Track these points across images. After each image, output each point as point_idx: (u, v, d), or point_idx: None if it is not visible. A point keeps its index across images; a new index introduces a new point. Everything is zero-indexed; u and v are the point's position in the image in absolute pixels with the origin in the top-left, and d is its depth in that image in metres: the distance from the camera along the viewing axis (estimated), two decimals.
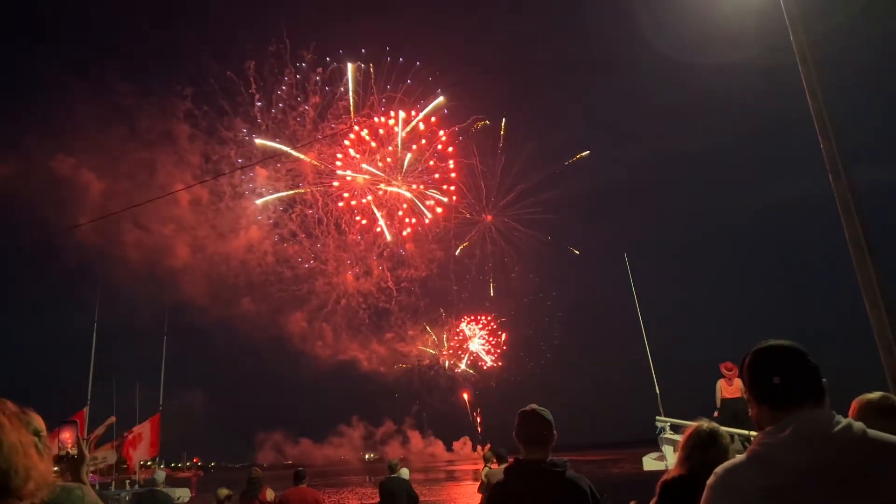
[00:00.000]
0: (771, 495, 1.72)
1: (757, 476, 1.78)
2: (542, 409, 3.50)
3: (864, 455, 1.72)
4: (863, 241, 6.02)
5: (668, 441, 13.08)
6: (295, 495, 10.57)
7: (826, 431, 1.76)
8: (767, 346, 1.99)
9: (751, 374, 1.99)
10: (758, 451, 1.84)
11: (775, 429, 1.83)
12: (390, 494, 11.13)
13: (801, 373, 1.90)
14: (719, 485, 1.85)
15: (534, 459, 3.37)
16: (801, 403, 1.82)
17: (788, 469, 1.74)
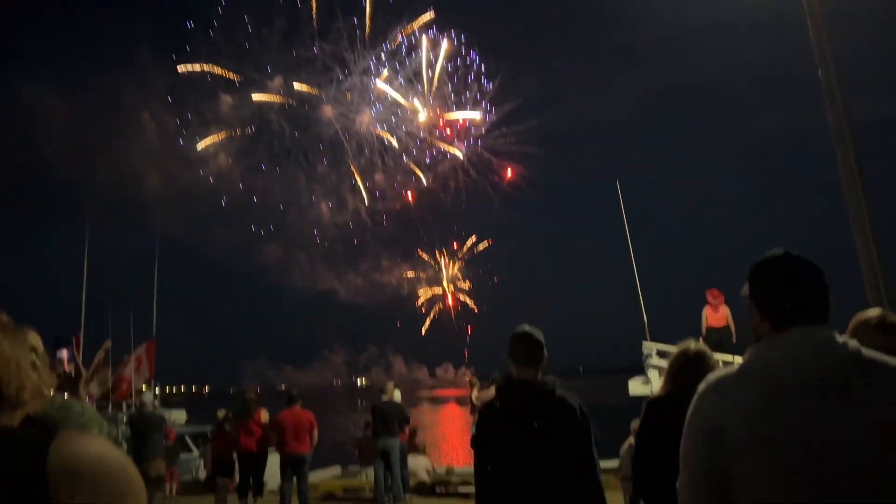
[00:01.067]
0: (759, 407, 1.73)
1: (748, 387, 1.78)
2: (533, 329, 3.56)
3: (858, 373, 1.73)
4: (855, 170, 6.01)
5: (654, 366, 13.40)
6: (289, 415, 10.85)
7: (823, 349, 1.75)
8: (784, 259, 1.93)
9: (759, 286, 1.94)
10: (751, 363, 1.84)
11: (772, 343, 1.82)
12: (383, 416, 11.43)
13: (813, 295, 1.86)
14: (708, 393, 1.86)
15: (524, 378, 3.45)
16: (805, 323, 1.80)
17: (780, 383, 1.74)
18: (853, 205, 6.07)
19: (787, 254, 1.93)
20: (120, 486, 1.30)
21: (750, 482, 1.75)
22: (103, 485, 1.26)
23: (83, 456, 1.25)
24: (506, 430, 3.41)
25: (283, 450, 10.70)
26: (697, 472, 1.85)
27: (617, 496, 8.36)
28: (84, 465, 1.24)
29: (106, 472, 1.28)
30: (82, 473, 1.23)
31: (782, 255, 1.93)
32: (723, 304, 13.31)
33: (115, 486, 1.29)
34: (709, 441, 1.81)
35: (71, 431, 1.33)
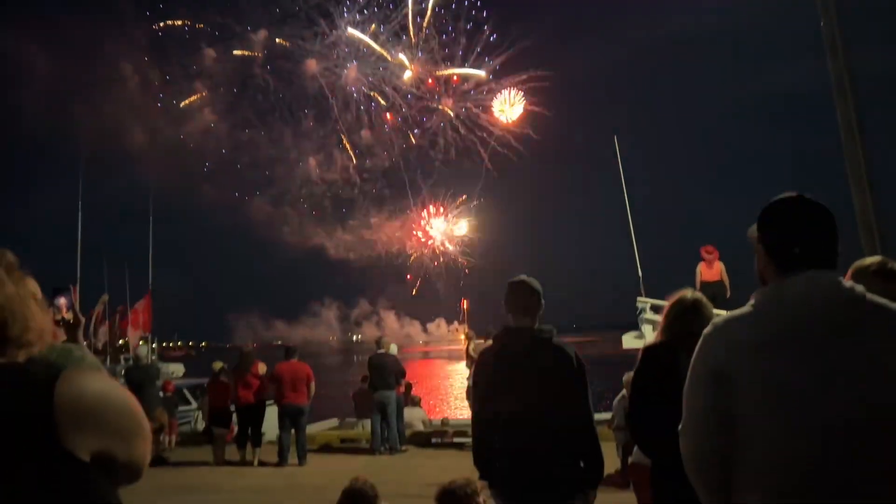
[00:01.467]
0: (764, 347, 1.76)
1: (754, 328, 1.80)
2: (530, 278, 3.57)
3: (863, 316, 1.75)
4: (854, 122, 5.98)
5: (648, 321, 13.48)
6: (286, 368, 10.98)
7: (829, 292, 1.77)
8: (796, 202, 1.90)
9: (769, 229, 1.92)
10: (758, 305, 1.85)
11: (780, 286, 1.83)
12: (379, 369, 11.57)
13: (823, 241, 1.86)
14: (714, 335, 1.87)
15: (522, 326, 3.48)
16: (813, 267, 1.81)
17: (786, 324, 1.76)
18: (851, 158, 6.05)
19: (799, 196, 1.91)
20: (125, 423, 1.31)
21: (754, 421, 1.77)
22: (109, 421, 1.27)
23: (89, 393, 1.25)
24: (502, 376, 3.45)
25: (281, 401, 10.87)
26: (701, 413, 1.87)
27: (609, 447, 8.52)
28: (89, 401, 1.24)
29: (111, 409, 1.28)
30: (88, 410, 1.23)
31: (795, 198, 1.91)
32: (717, 259, 13.37)
33: (121, 422, 1.30)
34: (713, 381, 1.83)
35: (76, 370, 1.32)
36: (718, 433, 1.84)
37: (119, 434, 1.28)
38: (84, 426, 1.22)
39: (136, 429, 1.34)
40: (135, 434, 1.33)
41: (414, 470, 10.05)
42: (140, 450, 1.34)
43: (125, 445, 1.29)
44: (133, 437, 1.32)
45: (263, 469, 10.62)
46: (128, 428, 1.31)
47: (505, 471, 3.44)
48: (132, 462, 1.32)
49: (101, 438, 1.24)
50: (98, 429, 1.24)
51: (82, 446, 1.21)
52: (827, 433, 1.70)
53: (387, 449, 11.47)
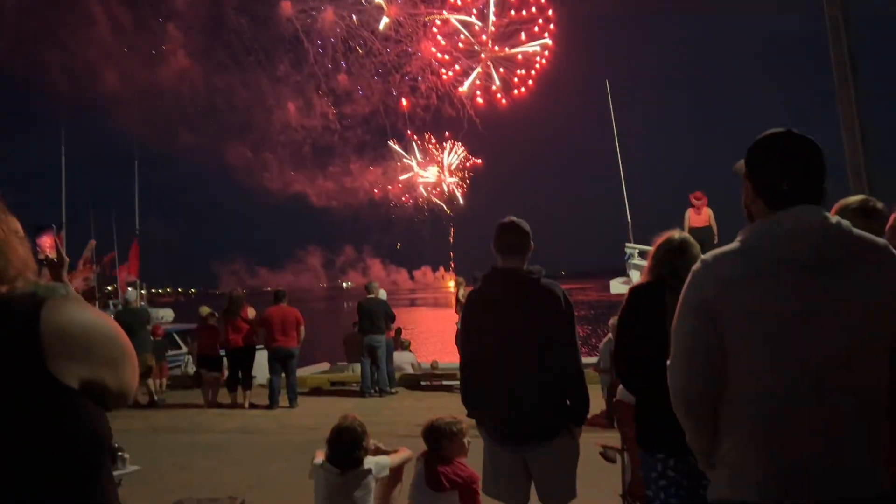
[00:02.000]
0: (755, 280, 1.77)
1: (743, 263, 1.81)
2: (519, 219, 3.55)
3: (848, 249, 1.76)
4: (847, 66, 5.91)
5: (636, 266, 13.61)
6: (276, 312, 11.03)
7: (817, 227, 1.77)
8: (785, 137, 1.88)
9: (757, 164, 1.91)
10: (747, 241, 1.86)
11: (768, 222, 1.83)
12: (369, 313, 11.64)
13: (811, 176, 1.85)
14: (703, 270, 1.88)
15: (510, 267, 3.48)
16: (801, 203, 1.80)
17: (775, 258, 1.77)
18: (844, 102, 6.01)
19: (789, 132, 1.88)
20: (113, 351, 1.30)
21: (741, 354, 1.79)
22: (97, 349, 1.26)
23: (76, 321, 1.24)
24: (490, 316, 3.47)
25: (271, 345, 10.96)
26: (690, 349, 1.88)
27: (595, 389, 8.68)
28: (76, 330, 1.23)
29: (99, 337, 1.27)
30: (75, 338, 1.22)
31: (784, 133, 1.89)
32: (705, 205, 13.43)
33: (109, 350, 1.29)
34: (701, 315, 1.84)
35: (62, 299, 1.30)
36: (706, 368, 1.86)
37: (108, 362, 1.28)
38: (72, 354, 1.21)
39: (123, 356, 1.34)
40: (123, 361, 1.33)
41: (403, 411, 10.22)
42: (129, 376, 1.34)
43: (114, 372, 1.28)
44: (121, 364, 1.31)
45: (254, 411, 10.77)
46: (116, 355, 1.31)
47: (492, 409, 3.49)
48: (121, 389, 1.31)
49: (89, 367, 1.23)
50: (86, 357, 1.23)
51: (70, 374, 1.20)
52: (812, 366, 1.73)
53: (377, 391, 11.63)
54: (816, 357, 1.72)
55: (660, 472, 2.96)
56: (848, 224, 1.81)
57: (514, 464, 3.47)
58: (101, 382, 1.25)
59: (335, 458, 4.11)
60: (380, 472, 4.19)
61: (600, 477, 4.97)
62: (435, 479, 3.84)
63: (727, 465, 1.86)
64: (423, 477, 3.89)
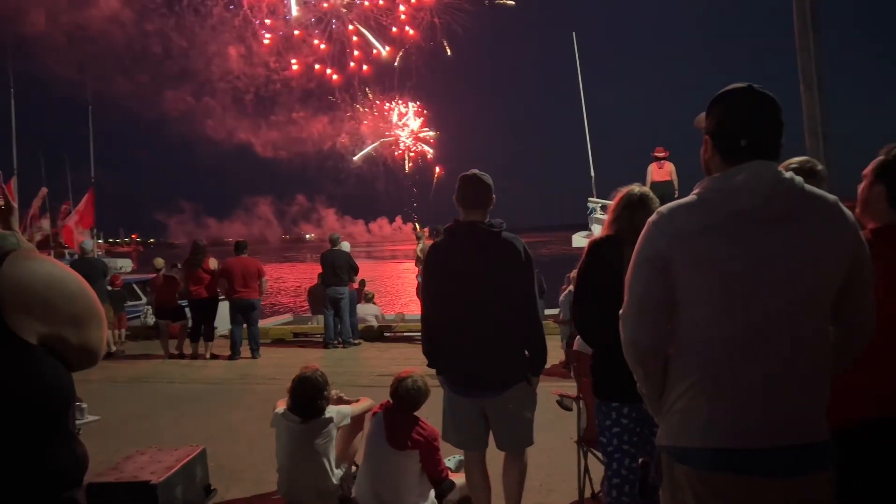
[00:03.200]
0: (708, 232, 1.79)
1: (698, 215, 1.83)
2: (482, 173, 3.55)
3: (799, 204, 1.80)
4: (809, 20, 5.95)
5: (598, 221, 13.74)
6: (237, 263, 10.92)
7: (770, 181, 1.80)
8: (745, 93, 1.89)
9: (717, 121, 1.92)
10: (703, 193, 1.88)
11: (723, 176, 1.85)
12: (332, 265, 11.60)
13: (769, 133, 1.87)
14: (660, 222, 1.90)
15: (472, 220, 3.49)
16: (757, 158, 1.83)
17: (729, 211, 1.80)
18: (803, 58, 6.06)
19: (749, 87, 1.89)
20: (75, 308, 1.28)
21: (693, 304, 1.83)
22: (58, 305, 1.23)
23: (38, 277, 1.22)
24: (451, 268, 3.49)
25: (232, 296, 10.86)
26: (641, 296, 1.92)
27: (555, 339, 8.85)
28: (38, 285, 1.21)
29: (61, 293, 1.25)
30: (35, 293, 1.20)
31: (744, 89, 1.90)
32: (667, 161, 13.57)
33: (72, 307, 1.27)
34: (654, 265, 1.87)
35: (22, 252, 1.27)
36: (658, 318, 1.90)
37: (70, 319, 1.25)
38: (31, 309, 1.18)
39: (88, 313, 1.31)
40: (87, 319, 1.30)
41: (366, 361, 10.31)
42: (95, 334, 1.33)
43: (76, 330, 1.26)
44: (85, 322, 1.29)
45: (216, 361, 10.75)
46: (78, 312, 1.28)
47: (452, 360, 3.54)
48: (86, 346, 1.29)
49: (49, 323, 1.21)
50: (46, 313, 1.21)
51: (29, 329, 1.18)
52: (758, 316, 1.78)
53: (340, 342, 11.68)
54: (763, 308, 1.77)
55: (613, 419, 3.05)
56: (800, 180, 1.84)
57: (473, 412, 3.54)
58: (61, 339, 1.23)
59: (296, 407, 4.14)
60: (341, 421, 4.24)
61: (556, 424, 5.12)
62: (398, 437, 3.85)
63: (676, 411, 1.91)
64: (384, 434, 3.89)
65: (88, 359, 1.33)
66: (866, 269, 1.86)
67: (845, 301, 1.85)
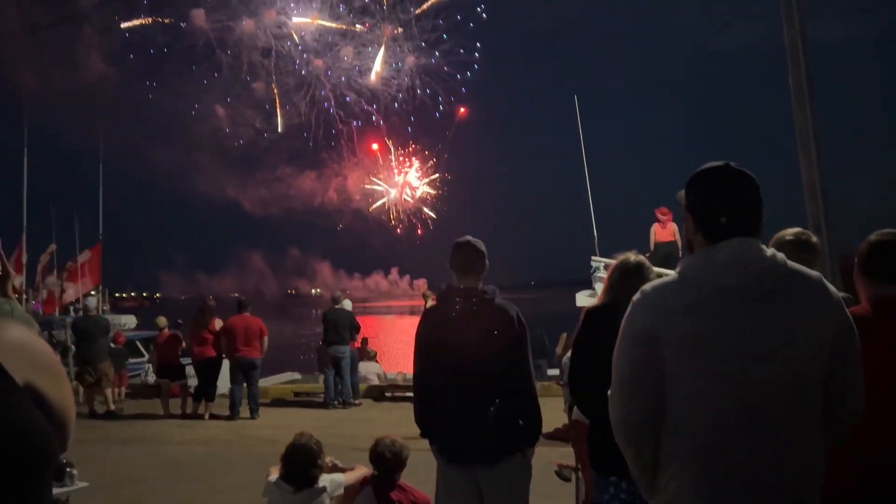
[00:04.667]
0: (692, 310, 1.79)
1: (681, 293, 1.83)
2: (475, 239, 3.56)
3: (782, 281, 1.80)
4: (804, 86, 6.03)
5: (602, 280, 13.69)
6: (239, 322, 10.88)
7: (753, 258, 1.81)
8: (722, 172, 1.91)
9: (695, 198, 1.94)
10: (685, 272, 1.88)
11: (707, 253, 1.86)
12: (334, 323, 11.55)
13: (749, 210, 1.88)
14: (644, 300, 1.90)
15: (465, 287, 3.47)
16: (739, 235, 1.83)
17: (713, 288, 1.80)
18: (800, 125, 6.12)
19: (726, 165, 1.91)
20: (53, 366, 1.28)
21: (680, 380, 1.81)
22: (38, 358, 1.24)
23: (13, 337, 1.22)
24: (444, 335, 3.46)
25: (234, 355, 10.79)
26: (628, 375, 1.90)
27: (557, 402, 8.69)
28: (14, 341, 1.21)
29: (39, 351, 1.26)
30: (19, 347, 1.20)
31: (721, 167, 1.92)
32: (671, 221, 13.58)
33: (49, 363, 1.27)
34: (640, 343, 1.85)
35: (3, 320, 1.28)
36: (646, 398, 1.87)
37: (51, 372, 1.25)
38: (14, 357, 1.18)
39: (63, 375, 1.32)
40: (62, 378, 1.30)
41: (366, 423, 10.14)
42: (68, 394, 1.31)
43: (56, 383, 1.25)
44: (62, 380, 1.29)
45: (214, 422, 10.60)
46: (57, 371, 1.28)
47: (444, 430, 3.47)
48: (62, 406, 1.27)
49: (31, 371, 1.20)
50: (28, 362, 1.21)
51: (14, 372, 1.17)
52: (746, 395, 1.75)
53: (340, 403, 11.54)
54: (751, 387, 1.75)
55: (612, 494, 2.96)
56: (783, 256, 1.85)
57: (466, 485, 3.44)
58: (40, 392, 1.22)
59: (289, 475, 4.05)
60: (334, 491, 4.14)
61: (555, 493, 4.99)
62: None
63: (668, 493, 1.87)
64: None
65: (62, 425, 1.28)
66: (852, 344, 1.85)
67: (833, 376, 1.82)
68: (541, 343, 16.27)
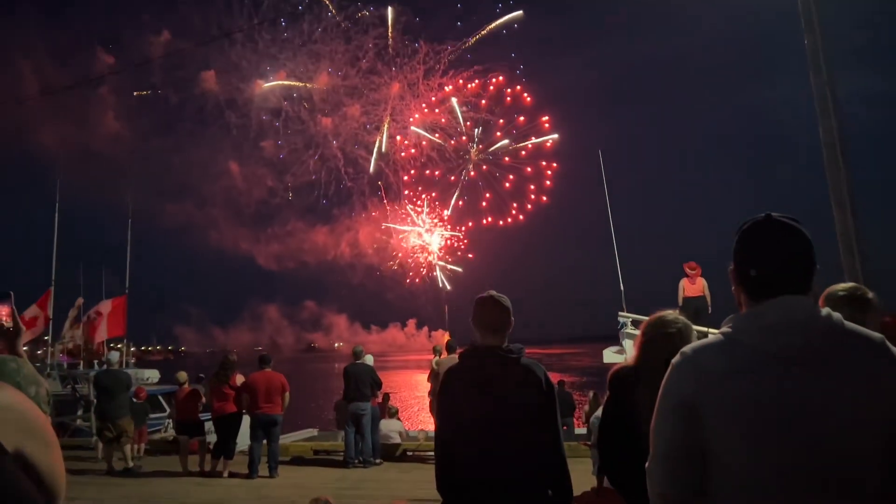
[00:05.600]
0: (738, 377, 1.63)
1: (726, 357, 1.68)
2: (499, 295, 3.41)
3: (839, 343, 1.63)
4: (836, 140, 5.91)
5: (629, 336, 13.44)
6: (261, 378, 10.75)
7: (804, 319, 1.64)
8: (766, 224, 1.76)
9: (739, 254, 1.79)
10: (730, 333, 1.72)
11: (752, 312, 1.71)
12: (355, 379, 11.37)
13: (795, 263, 1.72)
14: (684, 364, 1.75)
15: (489, 345, 3.32)
16: (782, 293, 1.68)
17: (759, 352, 1.64)
18: (833, 176, 5.98)
19: (767, 217, 1.78)
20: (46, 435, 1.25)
21: (724, 454, 1.65)
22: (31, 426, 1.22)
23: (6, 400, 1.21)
24: (467, 397, 3.28)
25: (255, 411, 10.63)
26: (668, 448, 1.74)
27: (586, 464, 8.39)
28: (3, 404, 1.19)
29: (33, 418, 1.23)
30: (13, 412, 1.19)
31: (765, 220, 1.78)
32: (699, 275, 13.39)
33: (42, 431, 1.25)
34: (682, 414, 1.70)
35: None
36: (687, 472, 1.71)
37: (36, 436, 1.22)
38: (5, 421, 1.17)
39: (55, 444, 1.27)
40: (54, 447, 1.27)
41: (386, 484, 9.86)
42: (59, 464, 1.28)
43: (46, 452, 1.23)
44: (53, 449, 1.26)
45: (232, 480, 10.37)
46: (49, 440, 1.26)
47: (469, 497, 3.27)
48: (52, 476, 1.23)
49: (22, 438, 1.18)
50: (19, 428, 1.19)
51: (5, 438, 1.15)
52: (798, 469, 1.58)
53: (360, 461, 11.26)
54: (803, 460, 1.57)
55: None
56: (839, 316, 1.68)
57: None
58: (30, 458, 1.19)
59: None
60: None
61: None
62: None
63: None
64: None
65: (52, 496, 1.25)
66: None
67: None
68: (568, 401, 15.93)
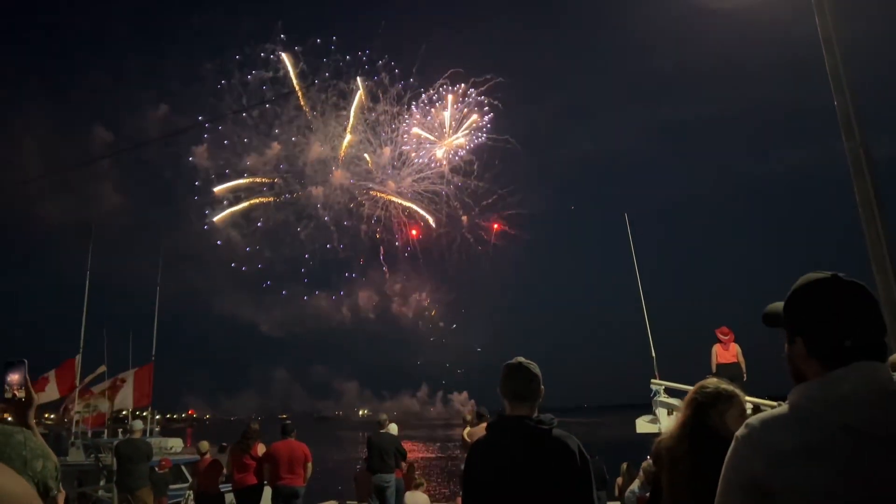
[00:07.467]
0: (811, 455, 1.47)
1: (797, 432, 1.51)
2: (528, 361, 3.25)
3: None
4: (873, 202, 5.73)
5: (663, 404, 13.01)
6: (284, 447, 10.50)
7: (883, 390, 1.48)
8: (834, 284, 1.60)
9: (804, 317, 1.63)
10: (800, 403, 1.56)
11: (826, 382, 1.54)
12: (379, 449, 11.07)
13: (874, 329, 1.57)
14: (750, 438, 1.58)
15: (518, 415, 3.14)
16: (863, 359, 1.53)
17: (836, 426, 1.47)
18: (872, 239, 5.78)
19: (834, 277, 1.62)
20: None
21: None
22: None
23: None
24: (496, 471, 3.09)
25: (277, 482, 10.34)
26: None
27: None
28: None
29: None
30: None
31: (830, 279, 1.62)
32: (733, 341, 13.02)
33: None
34: (750, 493, 1.54)
35: None
36: None
37: None
38: None
39: None
40: None
41: None
42: None
43: None
44: None
45: None
46: None
47: None
48: None
49: None
50: None
51: None
52: None
53: None
54: None
55: None
56: None
57: None
58: None
59: None
60: None
61: None
62: None
63: None
64: None
65: None
66: None
67: None
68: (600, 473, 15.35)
